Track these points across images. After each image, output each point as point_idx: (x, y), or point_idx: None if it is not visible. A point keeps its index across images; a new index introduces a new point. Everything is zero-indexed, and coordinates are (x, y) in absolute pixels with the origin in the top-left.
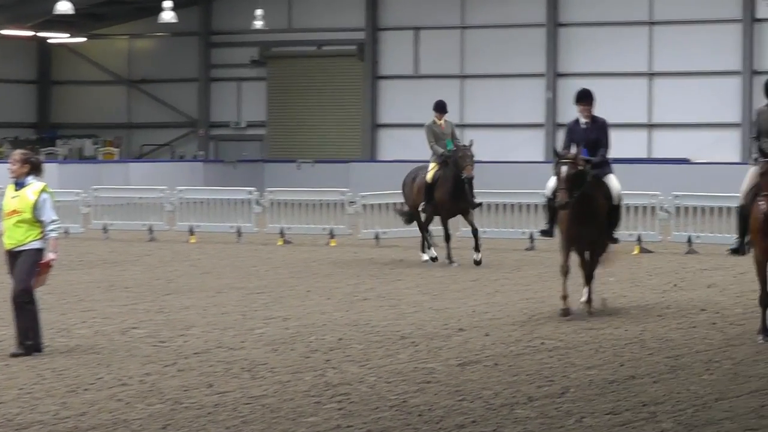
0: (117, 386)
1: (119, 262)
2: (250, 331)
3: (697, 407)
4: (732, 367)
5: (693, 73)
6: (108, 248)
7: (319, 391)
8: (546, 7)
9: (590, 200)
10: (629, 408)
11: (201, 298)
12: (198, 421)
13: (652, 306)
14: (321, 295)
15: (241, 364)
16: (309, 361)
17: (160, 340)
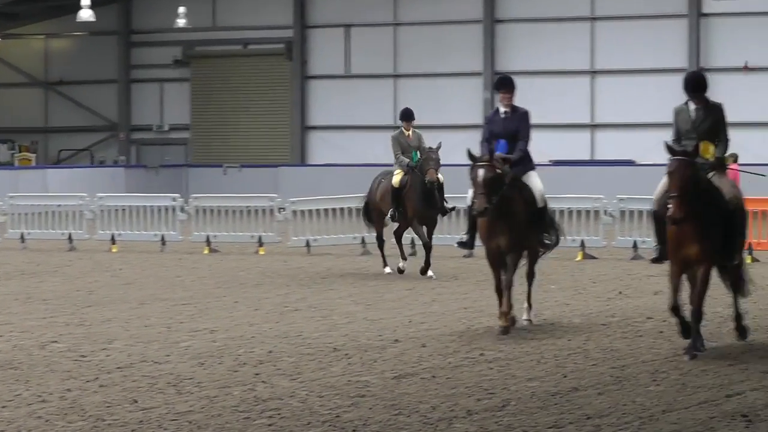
0: (36, 403)
1: (37, 272)
2: (175, 344)
3: (644, 420)
4: (679, 378)
5: (637, 70)
6: (25, 258)
7: (248, 406)
8: (483, 3)
9: (508, 204)
10: (573, 421)
11: (123, 310)
12: None
13: (596, 314)
14: (249, 306)
15: (167, 379)
16: (237, 375)
17: (81, 354)
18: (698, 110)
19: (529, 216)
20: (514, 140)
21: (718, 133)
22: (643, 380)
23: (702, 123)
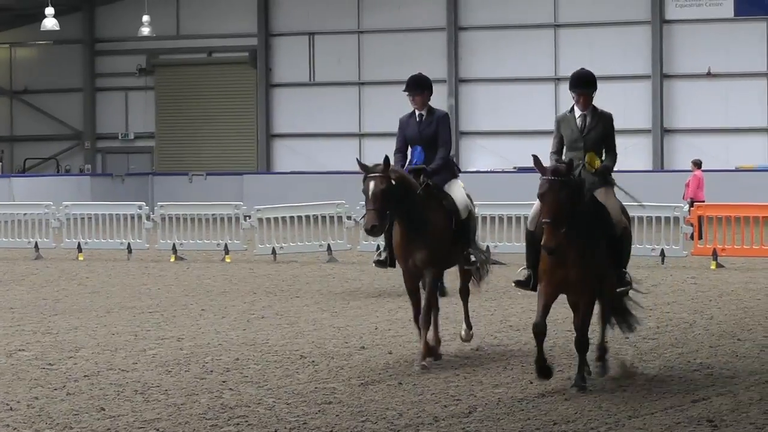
0: (4, 411)
1: (3, 281)
2: (142, 352)
3: (610, 425)
4: (645, 384)
5: (601, 77)
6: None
7: (215, 413)
8: (446, 11)
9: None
10: (539, 427)
11: (90, 318)
12: None
13: (562, 321)
14: (216, 313)
15: (134, 387)
16: (204, 383)
17: (48, 362)
18: (585, 117)
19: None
20: (433, 146)
21: (607, 144)
22: (609, 386)
23: (590, 131)
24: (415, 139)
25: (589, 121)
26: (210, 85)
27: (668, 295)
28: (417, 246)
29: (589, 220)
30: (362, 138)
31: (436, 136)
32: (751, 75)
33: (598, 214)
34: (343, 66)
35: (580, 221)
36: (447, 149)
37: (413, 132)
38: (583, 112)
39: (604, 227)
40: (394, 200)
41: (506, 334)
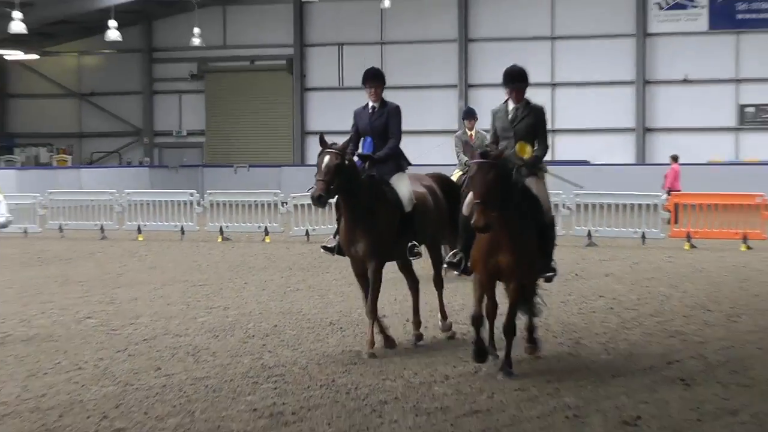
0: (73, 370)
1: (73, 258)
2: (193, 319)
3: (597, 384)
4: (627, 348)
5: (591, 83)
6: (63, 246)
7: (256, 372)
8: (458, 24)
9: (368, 208)
10: (535, 384)
11: (148, 290)
12: (147, 401)
13: (556, 293)
14: (257, 286)
15: (186, 349)
16: (247, 346)
17: (112, 328)
18: (517, 109)
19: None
20: (384, 138)
21: (537, 134)
22: (595, 350)
23: (520, 122)
24: (366, 131)
25: (520, 112)
26: (252, 89)
27: (648, 272)
28: (360, 235)
29: (520, 208)
30: None
31: (386, 128)
32: (722, 81)
33: (529, 202)
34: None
35: (512, 209)
36: (397, 140)
37: (364, 123)
38: (515, 105)
39: (535, 215)
40: (344, 177)
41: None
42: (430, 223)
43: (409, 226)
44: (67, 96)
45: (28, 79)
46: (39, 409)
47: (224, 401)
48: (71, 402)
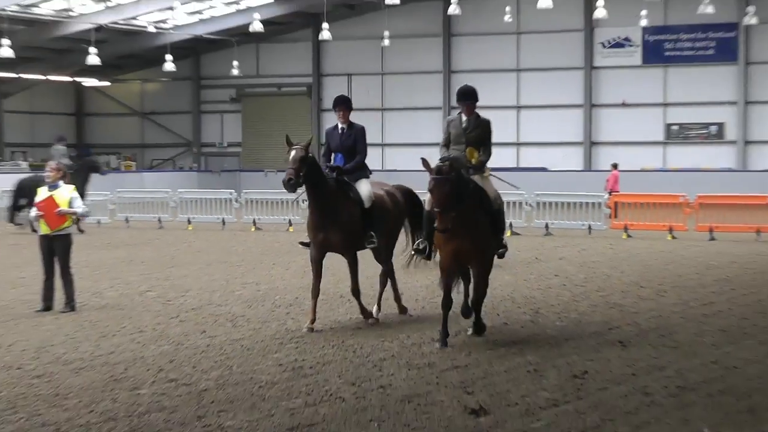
0: (136, 333)
1: (137, 244)
2: (231, 292)
3: (552, 345)
4: (577, 317)
5: (549, 105)
6: (128, 234)
7: (281, 335)
8: (442, 59)
9: (332, 203)
10: (503, 345)
11: (196, 269)
12: (194, 358)
13: (520, 273)
14: (282, 266)
15: (226, 317)
16: (274, 314)
17: (167, 299)
18: (468, 120)
19: (358, 215)
20: (352, 154)
21: (484, 142)
22: (551, 318)
23: (471, 132)
24: (337, 149)
25: (471, 123)
26: (279, 110)
27: (593, 256)
28: (326, 225)
29: (473, 201)
30: (384, 147)
31: (354, 146)
32: (653, 105)
33: (479, 195)
34: (371, 97)
35: (466, 203)
36: (363, 156)
37: (336, 143)
38: (468, 117)
39: (484, 205)
40: (308, 168)
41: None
42: (387, 219)
43: (369, 219)
44: (132, 115)
45: (101, 101)
46: (108, 363)
47: (256, 358)
48: (134, 358)
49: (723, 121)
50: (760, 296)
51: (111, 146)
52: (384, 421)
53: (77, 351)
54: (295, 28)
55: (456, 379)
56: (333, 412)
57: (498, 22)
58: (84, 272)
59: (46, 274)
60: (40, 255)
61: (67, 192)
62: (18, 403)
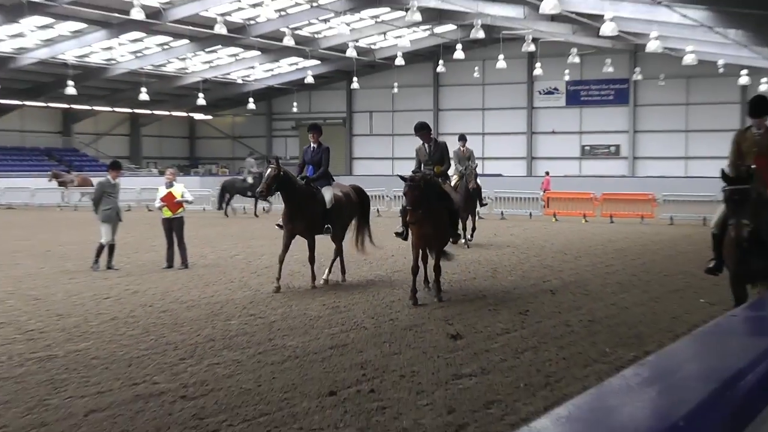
0: (228, 283)
1: (227, 224)
2: (290, 255)
3: (505, 292)
4: (522, 273)
5: (504, 133)
6: (223, 218)
7: (324, 285)
8: (433, 101)
9: (302, 201)
10: (472, 293)
11: (268, 241)
12: (268, 299)
13: (484, 244)
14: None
15: (289, 272)
16: (318, 272)
17: (248, 261)
18: (429, 146)
19: (320, 212)
20: (319, 166)
21: (443, 159)
22: (505, 275)
23: (434, 154)
24: (309, 162)
25: (432, 148)
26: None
27: (533, 233)
28: (298, 218)
29: (437, 201)
30: (393, 160)
31: (320, 161)
32: (572, 133)
33: (443, 197)
34: (385, 125)
35: (432, 203)
36: (325, 168)
37: (308, 157)
38: (429, 144)
39: (446, 204)
40: (279, 182)
41: (456, 248)
42: (341, 214)
43: (329, 216)
44: (226, 138)
45: (206, 129)
46: (210, 303)
47: (308, 300)
48: (227, 300)
49: (619, 143)
50: (644, 260)
51: (212, 159)
52: (393, 342)
53: (189, 294)
54: (334, 81)
55: (440, 315)
56: (359, 336)
57: (470, 77)
58: (193, 242)
59: (168, 244)
60: (163, 232)
61: (180, 188)
62: (150, 329)
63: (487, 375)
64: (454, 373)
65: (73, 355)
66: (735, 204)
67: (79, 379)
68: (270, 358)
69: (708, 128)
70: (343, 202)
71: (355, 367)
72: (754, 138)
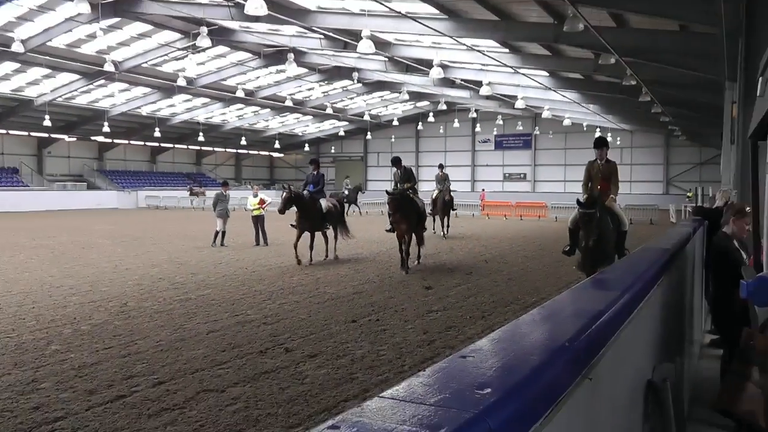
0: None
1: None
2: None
3: (457, 261)
4: (467, 250)
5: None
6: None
7: (341, 263)
8: (415, 147)
9: (309, 208)
10: (438, 263)
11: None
12: (315, 265)
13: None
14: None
15: (315, 253)
16: (341, 257)
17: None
18: (400, 172)
19: (321, 215)
20: (317, 184)
21: (410, 179)
22: (458, 250)
23: (402, 176)
24: (311, 182)
25: (402, 172)
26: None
27: (474, 227)
28: (308, 221)
29: (411, 208)
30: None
31: (318, 181)
32: (498, 165)
33: (415, 206)
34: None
35: (409, 208)
36: (321, 186)
37: (310, 179)
38: (399, 170)
39: (417, 210)
40: (291, 201)
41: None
42: (333, 219)
43: (326, 218)
44: (291, 167)
45: (279, 162)
46: (280, 266)
47: (338, 266)
48: (291, 264)
49: (526, 172)
50: (540, 243)
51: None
52: (390, 290)
53: (268, 262)
54: (356, 133)
55: (419, 275)
56: (370, 287)
57: (437, 132)
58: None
59: (255, 231)
60: (252, 224)
61: (260, 196)
62: (245, 282)
63: (447, 311)
64: (427, 309)
65: (201, 298)
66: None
67: (203, 312)
68: (316, 300)
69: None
70: (332, 209)
71: (368, 306)
72: (599, 167)
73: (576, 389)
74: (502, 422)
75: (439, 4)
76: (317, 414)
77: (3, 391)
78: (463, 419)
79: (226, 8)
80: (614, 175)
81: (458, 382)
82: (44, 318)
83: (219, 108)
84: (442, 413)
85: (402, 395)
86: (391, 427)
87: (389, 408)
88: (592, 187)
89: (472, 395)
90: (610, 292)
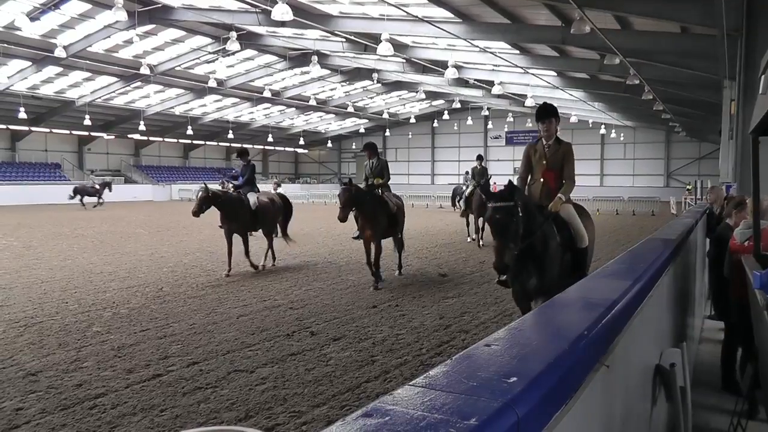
0: (314, 245)
1: (305, 210)
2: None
3: (442, 258)
4: (484, 242)
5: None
6: (308, 208)
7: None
8: (431, 143)
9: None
10: (453, 255)
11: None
12: (338, 253)
13: (430, 233)
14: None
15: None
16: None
17: (328, 231)
18: (372, 162)
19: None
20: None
21: (383, 172)
22: (473, 244)
23: (375, 168)
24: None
25: (375, 163)
26: None
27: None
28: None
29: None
30: (409, 175)
31: (245, 173)
32: (507, 160)
33: (383, 203)
34: (404, 156)
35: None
36: (248, 177)
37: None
38: (372, 160)
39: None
40: (209, 202)
41: (412, 233)
42: (267, 217)
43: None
44: (315, 163)
45: (303, 157)
46: (305, 255)
47: (361, 255)
48: (315, 252)
49: None
50: None
51: (307, 174)
52: (408, 278)
53: (293, 251)
54: (376, 130)
55: (435, 263)
56: (389, 275)
57: (451, 129)
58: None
59: None
60: None
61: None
62: (273, 270)
63: (462, 297)
64: (443, 296)
65: (230, 284)
66: (498, 225)
67: (233, 297)
68: (339, 286)
69: (584, 158)
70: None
71: (387, 292)
72: (544, 150)
73: (593, 376)
74: (528, 410)
75: (453, 9)
76: (341, 393)
77: (48, 370)
78: (493, 408)
79: (254, 14)
80: (568, 163)
81: (485, 370)
82: (86, 302)
83: (247, 107)
84: (473, 402)
85: (432, 383)
86: (422, 415)
87: (420, 396)
88: (532, 180)
89: (500, 384)
90: (622, 282)
